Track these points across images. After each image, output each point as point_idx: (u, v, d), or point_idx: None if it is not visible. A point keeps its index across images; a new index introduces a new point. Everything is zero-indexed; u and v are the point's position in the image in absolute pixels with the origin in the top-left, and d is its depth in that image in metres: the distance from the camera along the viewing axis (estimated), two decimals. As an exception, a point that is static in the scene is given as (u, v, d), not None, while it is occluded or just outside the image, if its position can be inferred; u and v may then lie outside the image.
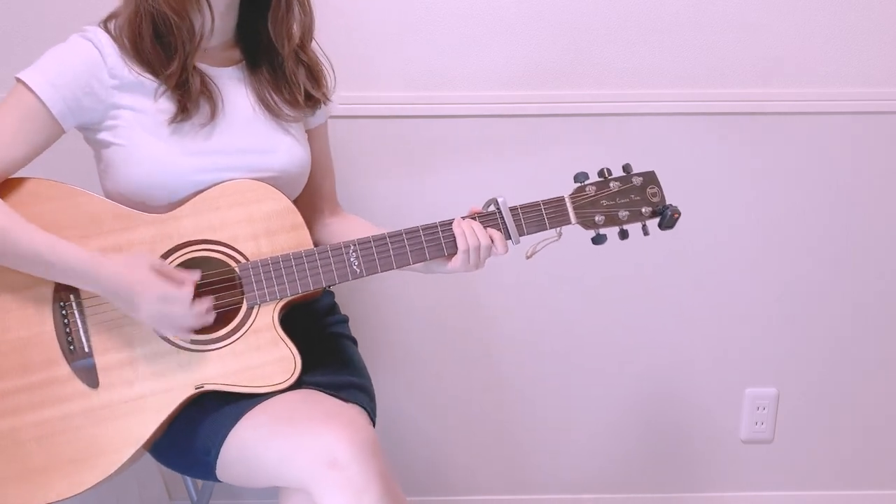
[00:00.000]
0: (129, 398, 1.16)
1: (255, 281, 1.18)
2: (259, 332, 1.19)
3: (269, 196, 1.21)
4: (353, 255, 1.20)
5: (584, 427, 1.88)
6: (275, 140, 1.26)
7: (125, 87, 1.18)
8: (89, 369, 1.16)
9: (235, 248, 1.19)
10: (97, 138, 1.20)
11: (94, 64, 1.16)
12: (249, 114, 1.26)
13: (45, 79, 1.14)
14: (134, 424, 1.16)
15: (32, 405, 1.15)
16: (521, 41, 1.65)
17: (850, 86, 1.68)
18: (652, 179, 1.28)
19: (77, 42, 1.17)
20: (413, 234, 1.21)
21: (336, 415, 1.14)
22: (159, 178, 1.17)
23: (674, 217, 1.25)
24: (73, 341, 1.16)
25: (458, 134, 1.69)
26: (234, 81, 1.26)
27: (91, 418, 1.15)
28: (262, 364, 1.18)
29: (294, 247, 1.21)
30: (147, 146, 1.17)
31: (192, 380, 1.17)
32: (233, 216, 1.19)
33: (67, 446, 1.15)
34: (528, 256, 1.25)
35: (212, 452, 1.16)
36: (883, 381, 1.87)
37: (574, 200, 1.25)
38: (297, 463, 1.09)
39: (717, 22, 1.65)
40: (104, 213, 1.17)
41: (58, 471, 1.14)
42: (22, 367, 1.15)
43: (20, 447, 1.14)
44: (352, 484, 1.06)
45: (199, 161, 1.19)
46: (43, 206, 1.16)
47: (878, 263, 1.79)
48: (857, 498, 1.94)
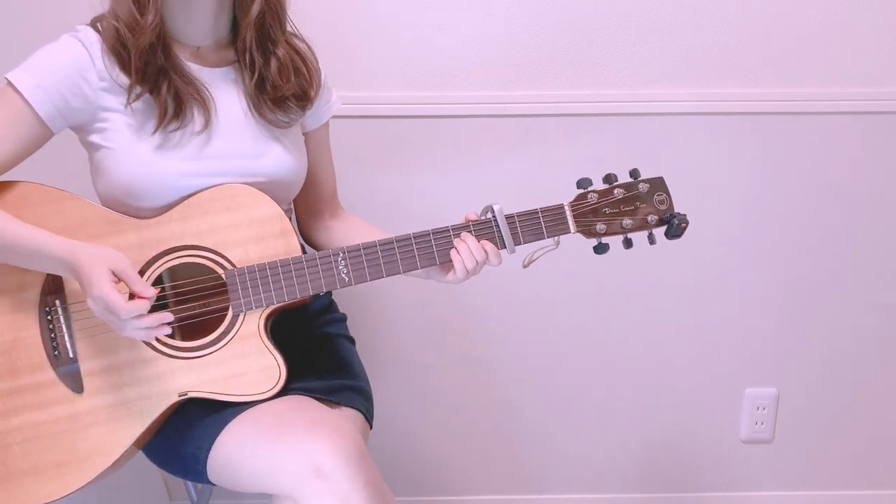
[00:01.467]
0: (114, 404, 1.16)
1: (242, 288, 1.16)
2: (245, 340, 1.17)
3: (258, 201, 1.18)
4: (342, 263, 1.17)
5: (584, 427, 1.88)
6: (264, 146, 1.22)
7: (114, 88, 1.16)
8: (74, 374, 1.16)
9: (222, 255, 1.17)
10: (88, 140, 1.19)
11: (83, 65, 1.14)
12: (241, 117, 1.22)
13: (32, 80, 1.12)
14: (118, 429, 1.16)
15: (17, 409, 1.15)
16: (522, 41, 1.65)
17: (850, 86, 1.68)
18: (660, 185, 1.23)
19: (67, 42, 1.16)
20: (404, 243, 1.18)
21: (322, 422, 1.12)
22: (146, 183, 1.15)
23: (681, 226, 1.20)
24: (57, 346, 1.16)
25: (458, 134, 1.69)
26: (228, 82, 1.23)
27: (76, 423, 1.15)
28: (246, 372, 1.16)
29: (282, 254, 1.18)
30: (135, 149, 1.15)
31: (177, 387, 1.16)
32: (221, 221, 1.17)
33: (53, 450, 1.15)
34: (525, 265, 1.22)
35: (200, 459, 1.16)
36: (883, 381, 1.87)
37: (574, 208, 1.21)
38: (282, 472, 1.07)
39: (717, 22, 1.65)
40: (92, 217, 1.16)
41: (43, 474, 1.14)
42: (8, 371, 1.15)
43: (5, 450, 1.14)
44: (337, 493, 1.05)
45: (187, 165, 1.17)
46: (29, 210, 1.15)
47: (878, 263, 1.79)
48: (857, 498, 1.94)
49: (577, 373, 1.84)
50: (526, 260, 1.22)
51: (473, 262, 1.17)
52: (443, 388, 1.84)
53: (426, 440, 1.88)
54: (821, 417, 1.89)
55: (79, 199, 1.17)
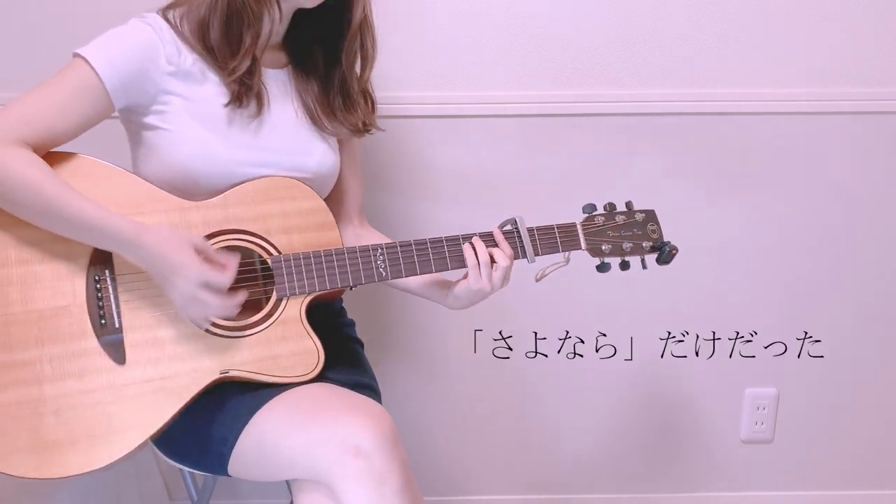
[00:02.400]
0: (154, 377, 1.17)
1: (287, 274, 1.21)
2: (286, 324, 1.21)
3: (303, 194, 1.25)
4: (381, 257, 1.24)
5: (585, 427, 1.88)
6: (312, 144, 1.29)
7: (180, 74, 1.20)
8: (117, 345, 1.17)
9: (269, 241, 1.22)
10: (143, 121, 1.21)
11: (153, 48, 1.18)
12: (292, 116, 1.29)
13: (104, 56, 1.15)
14: (154, 404, 1.16)
15: (55, 376, 1.14)
16: (522, 41, 1.65)
17: (850, 86, 1.68)
18: (651, 217, 1.34)
19: (137, 25, 1.19)
20: (437, 244, 1.26)
21: (358, 406, 1.15)
22: (202, 166, 1.20)
23: (671, 253, 1.32)
24: (104, 315, 1.17)
25: (458, 134, 1.69)
26: (280, 84, 1.30)
27: (113, 394, 1.15)
28: (286, 354, 1.21)
29: (324, 245, 1.24)
30: (194, 134, 1.20)
31: (218, 365, 1.18)
32: (267, 210, 1.23)
33: (85, 420, 1.14)
34: (538, 280, 1.30)
35: (229, 441, 1.17)
36: (883, 381, 1.87)
37: (585, 228, 1.31)
38: (319, 451, 1.09)
39: (717, 22, 1.65)
40: (142, 194, 1.19)
41: (73, 445, 1.13)
42: (50, 337, 1.15)
43: (38, 418, 1.13)
44: (374, 472, 1.08)
45: (242, 154, 1.22)
46: (82, 182, 1.16)
47: (878, 263, 1.80)
48: (857, 498, 1.94)
49: (579, 373, 1.84)
50: (538, 275, 1.32)
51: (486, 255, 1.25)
52: (448, 391, 1.85)
53: (429, 442, 1.88)
54: (821, 417, 1.89)
55: (131, 176, 1.20)
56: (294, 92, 1.31)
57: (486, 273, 1.24)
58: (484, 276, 1.24)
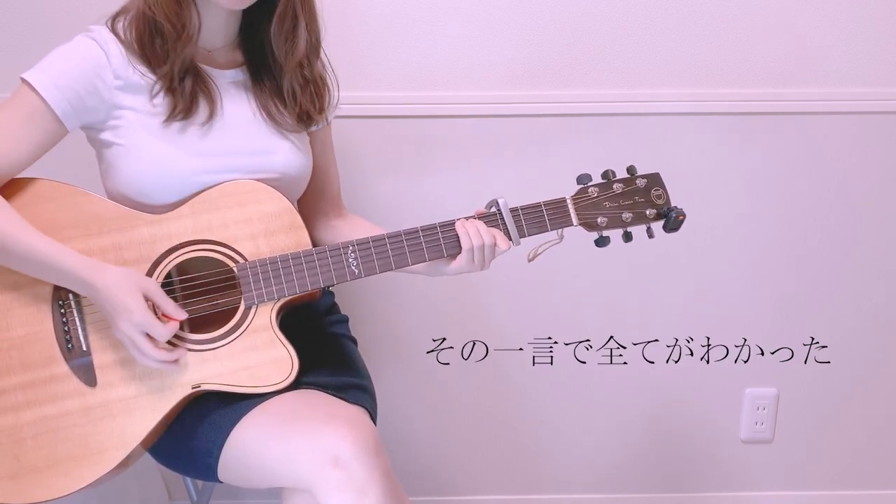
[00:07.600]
0: (126, 396, 1.16)
1: (254, 281, 1.18)
2: (256, 333, 1.19)
3: (268, 197, 1.21)
4: (352, 255, 1.20)
5: (584, 427, 1.88)
6: (272, 143, 1.26)
7: (128, 87, 1.18)
8: (87, 367, 1.16)
9: (234, 249, 1.20)
10: (100, 138, 1.20)
11: (99, 64, 1.17)
12: (249, 116, 1.26)
13: (49, 79, 1.14)
14: (131, 423, 1.16)
15: (31, 402, 1.15)
16: (522, 41, 1.65)
17: (850, 86, 1.68)
18: (656, 181, 1.26)
19: (82, 42, 1.18)
20: (412, 235, 1.21)
21: (338, 414, 1.14)
22: (159, 179, 1.18)
23: (678, 219, 1.23)
24: (71, 340, 1.17)
25: (458, 134, 1.69)
26: (236, 84, 1.27)
27: (89, 416, 1.16)
28: (259, 364, 1.18)
29: (293, 247, 1.21)
30: (148, 146, 1.18)
31: (190, 379, 1.17)
32: (232, 216, 1.20)
33: (65, 444, 1.15)
34: (530, 259, 1.25)
35: (213, 453, 1.16)
36: (883, 381, 1.87)
37: (576, 202, 1.24)
38: (299, 462, 1.09)
39: (717, 22, 1.65)
40: (104, 212, 1.18)
41: (55, 468, 1.14)
42: (22, 364, 1.15)
43: (19, 444, 1.14)
44: (354, 483, 1.07)
45: (200, 162, 1.20)
46: (43, 206, 1.16)
47: (877, 263, 1.79)
48: (857, 498, 1.94)
49: (578, 373, 1.84)
50: (531, 254, 1.25)
51: (480, 239, 1.20)
52: (444, 389, 1.84)
53: (426, 441, 1.88)
54: (821, 417, 1.89)
55: (91, 195, 1.19)
56: (250, 92, 1.27)
57: (479, 260, 1.21)
58: (477, 261, 1.21)
